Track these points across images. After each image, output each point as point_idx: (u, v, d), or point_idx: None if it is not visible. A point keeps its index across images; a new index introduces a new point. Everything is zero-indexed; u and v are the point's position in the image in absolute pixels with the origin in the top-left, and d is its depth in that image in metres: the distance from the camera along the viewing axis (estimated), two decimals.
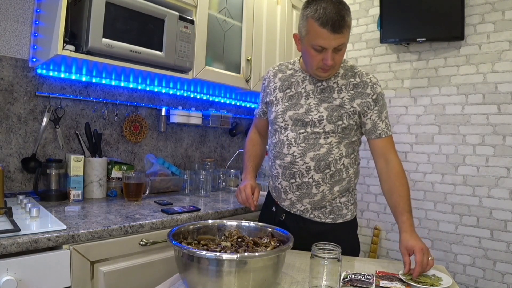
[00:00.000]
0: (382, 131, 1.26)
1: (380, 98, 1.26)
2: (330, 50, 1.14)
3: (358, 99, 1.25)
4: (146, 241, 1.33)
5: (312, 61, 1.20)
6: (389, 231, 2.54)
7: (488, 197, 2.15)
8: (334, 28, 1.10)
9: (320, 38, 1.13)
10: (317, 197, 1.27)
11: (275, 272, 0.89)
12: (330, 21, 1.09)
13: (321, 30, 1.11)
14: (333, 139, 1.25)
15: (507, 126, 2.10)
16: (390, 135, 1.28)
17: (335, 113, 1.24)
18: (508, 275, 2.07)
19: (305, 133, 1.26)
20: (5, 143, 1.61)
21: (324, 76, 1.24)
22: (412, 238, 1.10)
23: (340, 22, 1.10)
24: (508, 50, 2.10)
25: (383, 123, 1.26)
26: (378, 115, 1.25)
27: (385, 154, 1.26)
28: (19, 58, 1.63)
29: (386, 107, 1.29)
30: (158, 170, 1.98)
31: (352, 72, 1.28)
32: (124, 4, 1.52)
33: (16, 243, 1.01)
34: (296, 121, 1.28)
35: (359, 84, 1.26)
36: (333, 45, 1.13)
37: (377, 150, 1.28)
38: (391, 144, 1.28)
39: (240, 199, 1.36)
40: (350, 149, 1.28)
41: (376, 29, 2.59)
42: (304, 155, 1.25)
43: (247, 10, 2.18)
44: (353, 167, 1.30)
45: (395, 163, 1.25)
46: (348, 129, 1.25)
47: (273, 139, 1.36)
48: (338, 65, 1.22)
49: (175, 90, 2.20)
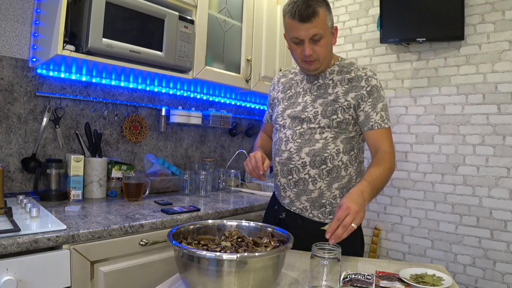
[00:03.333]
0: (375, 122, 1.23)
1: (375, 90, 1.25)
2: (306, 40, 1.19)
3: (352, 92, 1.25)
4: (146, 241, 1.33)
5: (295, 55, 1.26)
6: (389, 231, 2.54)
7: (488, 197, 2.15)
8: (302, 18, 1.15)
9: (293, 30, 1.19)
10: (314, 194, 1.27)
11: (275, 272, 0.89)
12: (298, 12, 1.15)
13: (291, 22, 1.18)
14: (328, 134, 1.25)
15: (507, 126, 2.10)
16: (386, 128, 1.23)
17: (329, 108, 1.25)
18: (508, 275, 2.07)
19: (301, 129, 1.28)
20: (5, 143, 1.61)
21: (311, 68, 1.26)
22: (349, 198, 0.99)
23: (307, 12, 1.15)
24: (508, 50, 2.10)
25: (378, 115, 1.23)
26: (371, 107, 1.24)
27: (378, 146, 1.23)
28: (19, 58, 1.63)
29: (384, 100, 1.26)
30: (158, 170, 1.98)
31: (348, 68, 1.30)
32: (124, 4, 1.52)
33: (16, 243, 1.01)
34: (293, 119, 1.31)
35: (353, 78, 1.27)
36: (305, 35, 1.18)
37: (370, 142, 1.25)
38: (385, 136, 1.23)
39: (250, 166, 1.29)
40: (349, 146, 1.27)
41: (376, 29, 2.59)
42: (300, 150, 1.26)
43: (247, 10, 2.18)
44: (353, 165, 1.28)
45: (383, 149, 1.21)
46: (344, 123, 1.25)
47: (274, 138, 1.40)
48: (322, 57, 1.23)
49: (175, 90, 2.20)
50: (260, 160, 1.27)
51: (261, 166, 1.26)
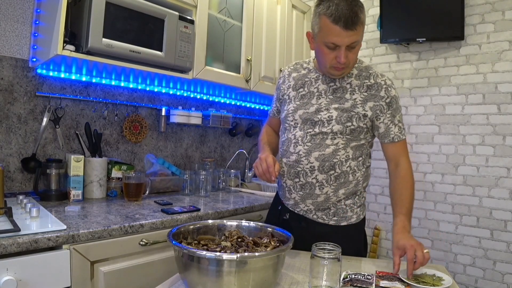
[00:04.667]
0: (395, 135, 1.24)
1: (394, 102, 1.24)
2: (343, 47, 1.13)
3: (371, 102, 1.23)
4: (146, 241, 1.33)
5: (325, 59, 1.19)
6: (389, 231, 2.53)
7: (488, 197, 2.15)
8: (347, 24, 1.09)
9: (333, 35, 1.12)
10: (320, 198, 1.26)
11: (275, 272, 0.89)
12: (343, 17, 1.08)
13: (333, 27, 1.10)
14: (340, 140, 1.23)
15: (507, 126, 2.10)
16: (404, 139, 1.27)
17: (345, 114, 1.22)
18: (508, 275, 2.07)
19: (313, 132, 1.25)
20: (5, 143, 1.61)
21: (338, 74, 1.23)
22: (404, 238, 1.07)
23: (353, 19, 1.08)
24: (508, 50, 2.10)
25: (396, 127, 1.24)
26: (391, 119, 1.24)
27: (397, 158, 1.26)
28: (19, 58, 1.63)
29: (400, 111, 1.27)
30: (158, 170, 1.98)
31: (367, 73, 1.26)
32: (124, 4, 1.52)
33: (16, 243, 1.01)
34: (305, 120, 1.27)
35: (373, 86, 1.24)
36: (346, 42, 1.12)
37: (389, 153, 1.28)
38: (403, 147, 1.27)
39: (260, 169, 1.22)
40: (358, 152, 1.26)
41: (376, 29, 2.59)
42: (309, 154, 1.24)
43: (247, 10, 2.18)
44: (361, 170, 1.28)
45: (404, 166, 1.25)
46: (357, 132, 1.23)
47: (282, 137, 1.36)
48: (352, 64, 1.21)
49: (175, 90, 2.20)
50: (272, 165, 1.20)
51: (273, 171, 1.19)
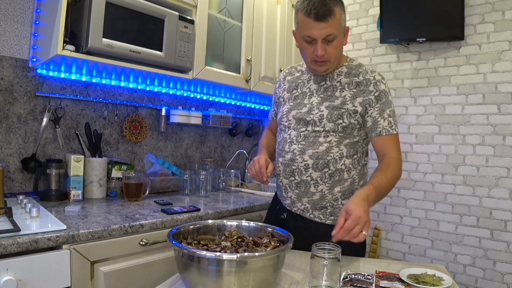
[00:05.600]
0: (383, 128, 1.22)
1: (383, 96, 1.24)
2: (319, 40, 1.16)
3: (360, 97, 1.23)
4: (146, 241, 1.33)
5: (306, 54, 1.23)
6: (389, 231, 2.54)
7: (488, 197, 2.15)
8: (318, 16, 1.12)
9: (307, 28, 1.15)
10: (315, 197, 1.27)
11: (275, 272, 0.89)
12: (314, 10, 1.12)
13: (306, 20, 1.14)
14: (333, 138, 1.24)
15: (507, 126, 2.10)
16: (394, 134, 1.23)
17: (335, 112, 1.23)
18: (508, 275, 2.07)
19: (306, 132, 1.27)
20: (5, 143, 1.61)
21: (321, 70, 1.25)
22: (356, 203, 0.99)
23: (324, 10, 1.11)
24: (508, 50, 2.10)
25: (385, 121, 1.23)
26: (379, 113, 1.23)
27: (384, 151, 1.23)
28: (19, 58, 1.63)
29: (391, 106, 1.26)
30: (158, 170, 1.98)
31: (357, 71, 1.28)
32: (124, 4, 1.52)
33: (16, 243, 1.01)
34: (298, 120, 1.29)
35: (362, 82, 1.25)
36: (320, 35, 1.15)
37: (377, 148, 1.25)
38: (393, 142, 1.23)
39: (253, 171, 1.27)
40: (352, 150, 1.27)
41: (376, 29, 2.59)
42: (303, 152, 1.26)
43: (247, 10, 2.18)
44: (356, 168, 1.28)
45: (391, 155, 1.21)
46: (350, 128, 1.24)
47: (279, 138, 1.38)
48: (333, 59, 1.22)
49: (175, 90, 2.20)
50: (264, 166, 1.24)
51: (264, 172, 1.24)
